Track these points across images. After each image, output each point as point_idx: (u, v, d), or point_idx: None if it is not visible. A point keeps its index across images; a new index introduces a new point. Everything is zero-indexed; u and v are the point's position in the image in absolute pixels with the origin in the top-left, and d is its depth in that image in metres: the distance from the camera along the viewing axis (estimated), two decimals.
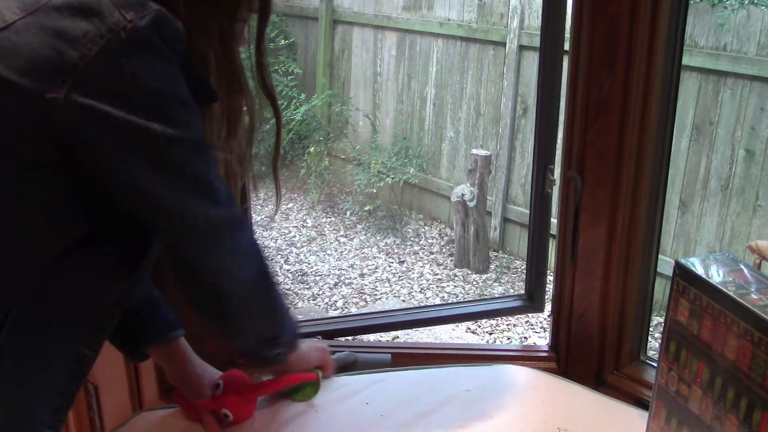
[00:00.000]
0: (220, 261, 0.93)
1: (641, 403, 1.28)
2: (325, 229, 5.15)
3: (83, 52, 0.79)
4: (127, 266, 0.97)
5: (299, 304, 4.06)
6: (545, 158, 1.49)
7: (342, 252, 4.80)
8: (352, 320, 1.59)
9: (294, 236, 5.01)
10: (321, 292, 4.23)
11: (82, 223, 0.90)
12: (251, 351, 1.13)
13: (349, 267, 4.58)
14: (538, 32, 4.50)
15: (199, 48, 0.89)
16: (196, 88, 0.88)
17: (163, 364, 1.21)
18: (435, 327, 3.82)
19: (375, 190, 5.10)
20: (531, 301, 1.61)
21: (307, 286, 4.29)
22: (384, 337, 3.70)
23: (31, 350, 0.90)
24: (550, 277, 1.56)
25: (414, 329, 3.78)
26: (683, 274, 0.99)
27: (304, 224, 5.21)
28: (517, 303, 1.65)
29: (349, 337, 1.57)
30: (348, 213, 5.27)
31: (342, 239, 4.99)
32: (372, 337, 3.53)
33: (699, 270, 0.98)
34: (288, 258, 4.67)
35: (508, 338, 3.76)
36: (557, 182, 1.43)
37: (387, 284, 4.35)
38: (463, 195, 4.40)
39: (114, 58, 0.79)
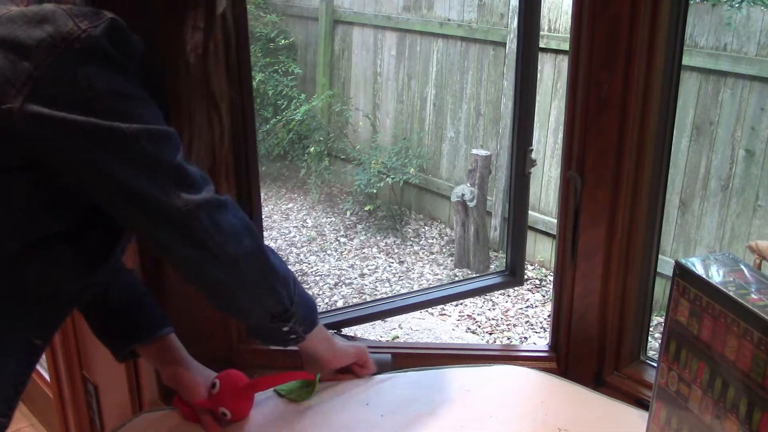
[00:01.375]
0: (207, 243, 0.93)
1: (641, 403, 1.28)
2: (325, 229, 5.15)
3: (38, 62, 0.80)
4: (89, 265, 0.97)
5: None
6: (525, 141, 1.60)
7: (342, 252, 4.80)
8: (336, 314, 1.59)
9: (294, 236, 5.01)
10: (321, 293, 4.24)
11: (41, 224, 0.91)
12: (267, 330, 1.12)
13: (349, 267, 4.58)
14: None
15: (147, 57, 0.89)
16: (151, 96, 0.89)
17: (156, 365, 1.21)
18: (435, 327, 3.83)
19: (375, 190, 5.10)
20: (513, 276, 1.69)
21: (308, 286, 4.29)
22: (384, 337, 3.71)
23: None
24: (550, 277, 1.56)
25: (414, 329, 3.78)
26: (683, 274, 0.99)
27: (304, 224, 5.21)
28: (500, 279, 1.72)
29: (350, 335, 1.57)
30: (348, 213, 5.27)
31: (342, 239, 4.99)
32: (372, 337, 3.53)
33: (699, 270, 0.98)
34: (288, 258, 4.66)
35: (508, 338, 3.76)
36: (557, 181, 1.43)
37: (387, 284, 4.35)
38: (463, 195, 4.40)
39: (69, 67, 0.80)
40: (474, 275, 4.25)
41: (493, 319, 3.94)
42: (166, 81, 0.93)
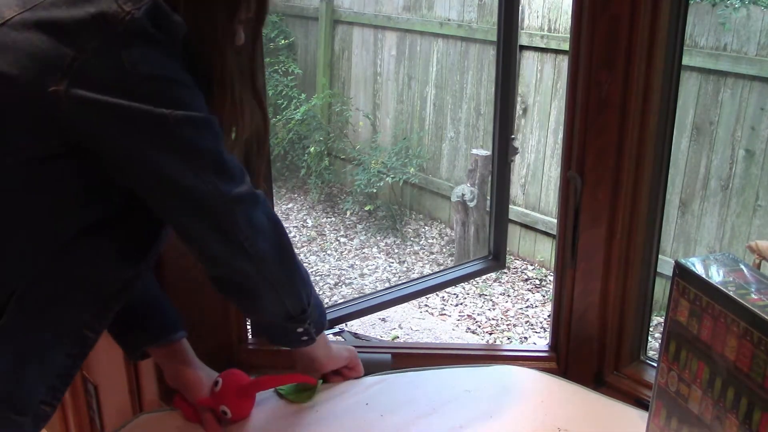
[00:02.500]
0: (238, 237, 0.94)
1: (641, 403, 1.28)
2: (325, 229, 5.15)
3: (82, 45, 0.79)
4: (135, 253, 0.97)
5: None
6: (507, 130, 1.67)
7: (342, 252, 4.80)
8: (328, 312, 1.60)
9: (294, 236, 5.01)
10: (321, 293, 4.23)
11: (87, 211, 0.91)
12: (280, 330, 1.12)
13: (349, 267, 4.58)
14: (539, 32, 4.48)
15: (197, 45, 0.89)
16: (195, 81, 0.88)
17: (163, 365, 1.21)
18: (435, 327, 3.83)
19: (375, 190, 5.10)
20: (496, 260, 1.74)
21: None
22: (384, 337, 3.71)
23: (31, 331, 0.91)
24: (550, 277, 1.57)
25: (414, 329, 3.78)
26: (683, 274, 0.99)
27: (304, 224, 5.21)
28: (484, 264, 1.77)
29: (351, 336, 1.57)
30: (348, 213, 5.27)
31: (342, 239, 4.99)
32: (372, 338, 3.53)
33: (699, 270, 0.98)
34: None
35: (508, 338, 3.76)
36: (557, 181, 1.43)
37: (387, 284, 4.35)
38: (463, 195, 4.40)
39: (113, 50, 0.80)
40: (458, 264, 4.27)
41: (493, 319, 3.94)
42: (215, 72, 0.92)
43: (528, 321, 3.89)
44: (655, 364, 1.19)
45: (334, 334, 1.55)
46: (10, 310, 0.88)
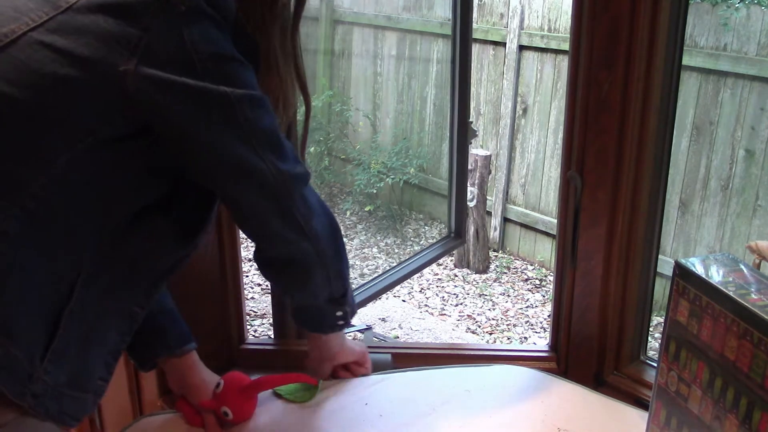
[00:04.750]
0: (295, 214, 0.97)
1: (641, 403, 1.29)
2: None
3: (147, 25, 0.81)
4: (187, 234, 1.00)
5: None
6: (464, 114, 1.76)
7: None
8: None
9: None
10: None
11: (147, 193, 0.93)
12: (319, 313, 1.16)
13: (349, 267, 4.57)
14: (539, 32, 4.50)
15: (244, 26, 0.92)
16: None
17: (170, 373, 1.21)
18: (435, 327, 3.83)
19: (375, 190, 5.10)
20: (458, 237, 1.84)
21: None
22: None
23: (96, 313, 0.92)
24: (550, 277, 1.56)
25: (414, 329, 3.78)
26: (683, 274, 1.00)
27: None
28: (448, 244, 1.87)
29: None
30: (348, 213, 5.27)
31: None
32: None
33: (699, 270, 0.98)
34: None
35: (508, 338, 3.76)
36: (557, 181, 1.43)
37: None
38: None
39: (176, 29, 0.82)
40: (425, 248, 4.27)
41: (493, 319, 3.94)
42: (261, 53, 0.95)
43: (528, 321, 3.89)
44: (655, 364, 1.19)
45: (361, 330, 1.56)
46: (77, 292, 0.89)
